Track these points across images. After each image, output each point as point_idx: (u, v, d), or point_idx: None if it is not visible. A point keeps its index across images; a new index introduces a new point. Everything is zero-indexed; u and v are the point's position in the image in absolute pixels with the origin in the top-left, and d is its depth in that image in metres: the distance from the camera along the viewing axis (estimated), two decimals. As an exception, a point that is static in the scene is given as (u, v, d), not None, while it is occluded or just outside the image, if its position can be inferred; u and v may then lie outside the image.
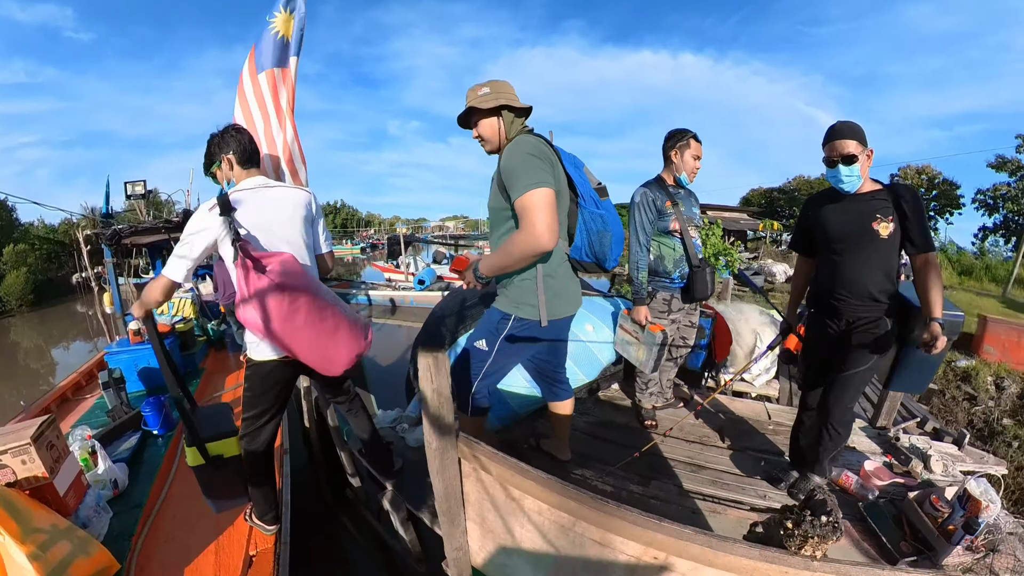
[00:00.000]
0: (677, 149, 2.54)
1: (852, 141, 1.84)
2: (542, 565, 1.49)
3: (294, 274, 1.57)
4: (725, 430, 2.87)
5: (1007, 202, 21.88)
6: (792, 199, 28.67)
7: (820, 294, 2.10)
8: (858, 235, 1.90)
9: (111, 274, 4.38)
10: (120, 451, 2.36)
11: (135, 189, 4.39)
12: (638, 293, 2.57)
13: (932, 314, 1.74)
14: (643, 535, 1.21)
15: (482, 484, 1.52)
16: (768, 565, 1.11)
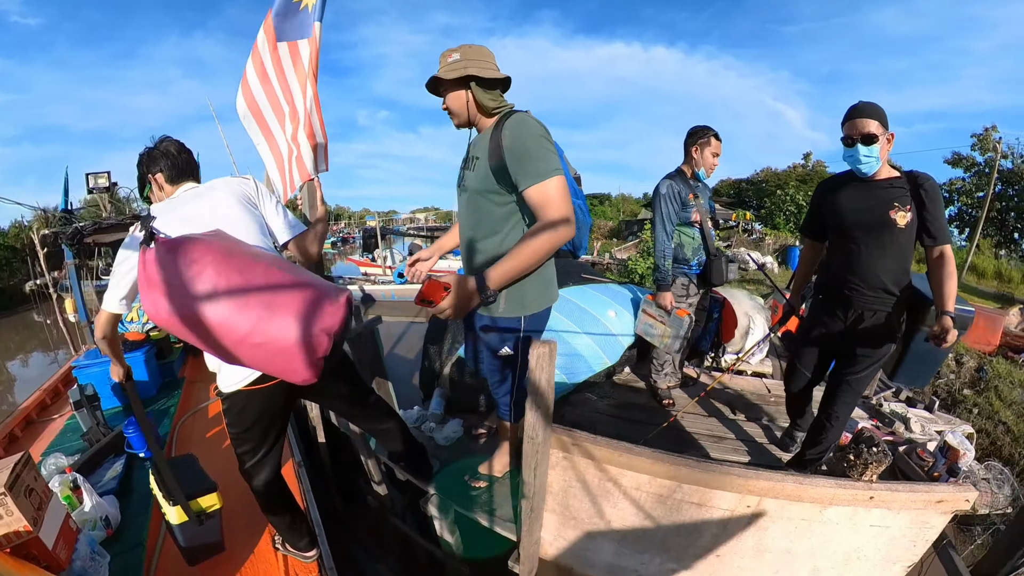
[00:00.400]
0: (698, 146, 2.65)
1: (874, 121, 1.77)
2: (629, 539, 1.61)
3: (197, 238, 1.13)
4: (733, 404, 3.18)
5: (962, 196, 23.16)
6: (760, 190, 29.35)
7: (831, 282, 2.05)
8: (875, 223, 1.84)
9: (73, 278, 3.96)
10: (105, 481, 2.08)
11: (98, 181, 3.97)
12: (664, 280, 2.72)
13: (945, 307, 1.71)
14: (743, 484, 1.40)
15: (574, 470, 1.55)
16: (842, 491, 1.39)
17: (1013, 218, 21.97)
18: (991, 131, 21.46)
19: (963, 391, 4.95)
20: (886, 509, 1.39)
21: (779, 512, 1.43)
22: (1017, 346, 6.18)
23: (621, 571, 1.72)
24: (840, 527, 1.43)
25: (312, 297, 1.16)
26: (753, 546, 1.51)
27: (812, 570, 1.54)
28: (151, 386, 3.27)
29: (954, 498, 1.40)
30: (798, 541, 1.47)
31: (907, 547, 1.46)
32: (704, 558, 1.57)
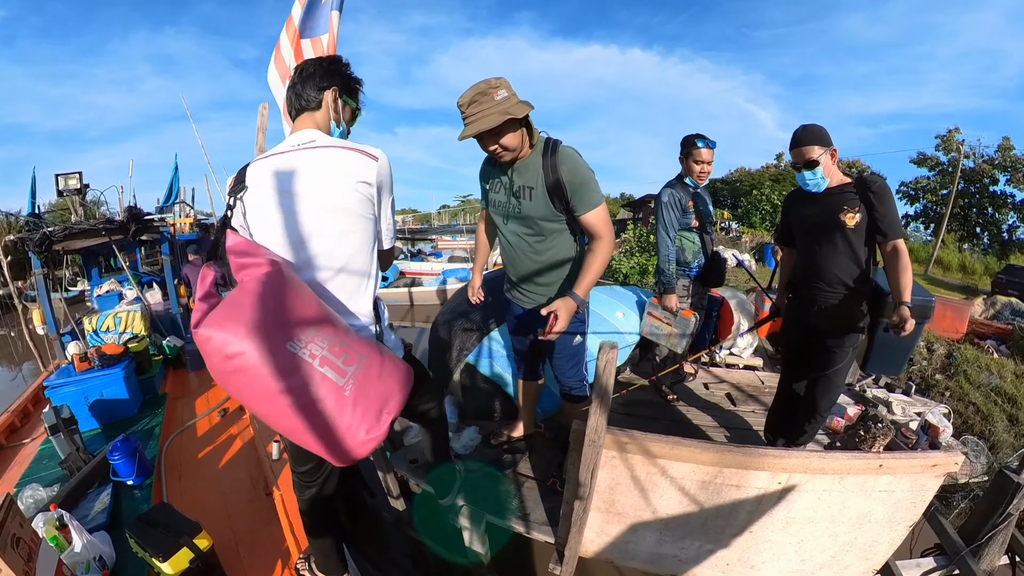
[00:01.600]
0: (683, 155, 2.81)
1: (813, 146, 2.00)
2: (672, 527, 1.77)
3: (237, 314, 1.00)
4: (732, 396, 3.41)
5: (927, 193, 24.22)
6: (735, 189, 29.95)
7: (797, 282, 2.28)
8: (827, 226, 2.05)
9: (41, 288, 3.66)
10: (93, 515, 1.87)
11: (69, 183, 3.67)
12: (669, 283, 2.82)
13: (901, 298, 1.87)
14: (777, 463, 1.58)
15: (627, 466, 1.67)
16: (857, 462, 1.60)
17: (975, 214, 23.06)
18: (954, 133, 22.47)
19: (935, 376, 5.28)
20: (891, 475, 1.61)
21: (805, 485, 1.62)
22: (983, 333, 6.63)
23: (662, 558, 1.87)
24: (854, 494, 1.64)
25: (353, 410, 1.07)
26: (782, 519, 1.69)
27: (831, 535, 1.74)
28: (131, 404, 3.02)
29: (946, 461, 1.62)
30: (820, 510, 1.67)
31: (909, 508, 1.69)
32: (739, 536, 1.75)
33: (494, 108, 1.52)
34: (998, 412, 4.45)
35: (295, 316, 1.03)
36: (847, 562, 1.82)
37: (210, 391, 3.53)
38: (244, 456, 2.51)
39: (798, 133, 2.06)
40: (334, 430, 1.04)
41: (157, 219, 4.16)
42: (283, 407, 1.01)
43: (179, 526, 1.50)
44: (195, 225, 5.41)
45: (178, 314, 4.46)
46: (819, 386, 2.23)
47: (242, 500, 2.11)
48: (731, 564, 1.83)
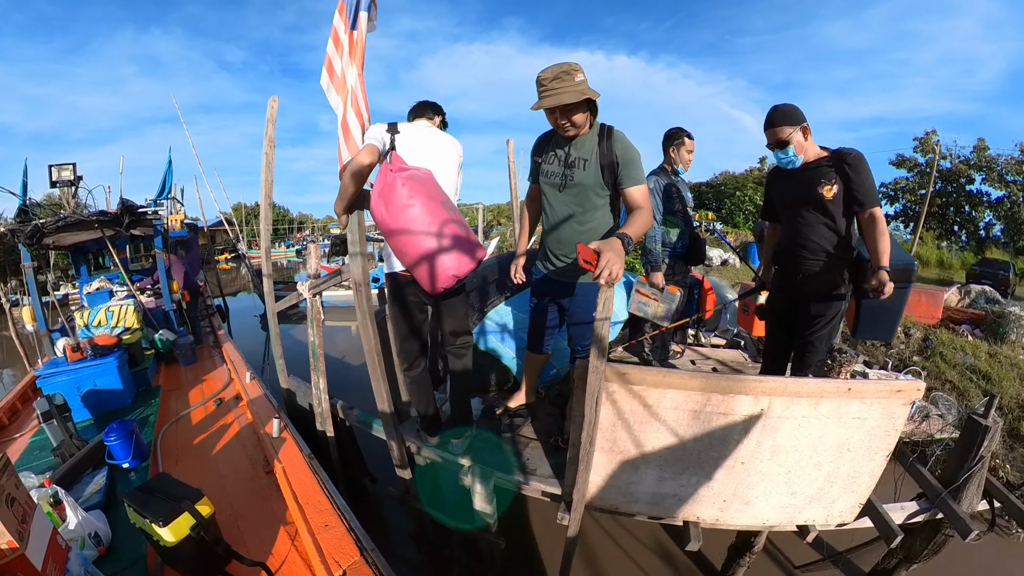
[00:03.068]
0: (674, 146, 3.07)
1: (784, 127, 2.10)
2: (670, 462, 1.88)
3: (421, 179, 1.74)
4: (718, 370, 3.57)
5: (905, 194, 24.78)
6: (719, 192, 30.31)
7: (781, 252, 2.39)
8: (806, 199, 2.16)
9: (31, 282, 3.61)
10: (88, 496, 1.87)
11: (62, 174, 3.62)
12: (656, 262, 3.02)
13: (879, 263, 1.97)
14: (756, 387, 1.71)
15: (626, 400, 1.78)
16: (828, 385, 1.73)
17: (952, 213, 23.67)
18: (931, 135, 23.09)
19: (913, 358, 5.56)
20: (860, 401, 1.73)
21: (785, 411, 1.74)
22: (957, 319, 6.99)
23: (663, 499, 1.98)
24: (831, 421, 1.76)
25: (461, 252, 1.75)
26: (769, 449, 1.81)
27: (816, 465, 1.86)
28: (125, 395, 3.01)
29: (908, 387, 1.73)
30: (802, 439, 1.80)
31: (883, 437, 1.81)
32: (733, 468, 1.86)
33: (574, 87, 1.74)
34: (973, 388, 4.71)
35: (440, 193, 1.81)
36: (834, 495, 1.95)
37: (204, 384, 3.52)
38: (242, 439, 2.52)
39: (770, 114, 2.16)
40: (457, 255, 1.74)
41: (151, 212, 4.13)
42: (440, 231, 1.71)
43: (180, 492, 1.48)
44: (183, 223, 5.34)
45: (171, 309, 4.42)
46: (806, 351, 2.31)
47: (241, 479, 2.11)
48: (727, 500, 1.95)
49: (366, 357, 2.15)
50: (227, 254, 23.88)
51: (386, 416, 2.27)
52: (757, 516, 1.99)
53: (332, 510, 1.66)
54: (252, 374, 3.29)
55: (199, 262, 9.09)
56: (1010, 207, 21.62)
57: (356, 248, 1.98)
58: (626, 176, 1.89)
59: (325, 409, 2.77)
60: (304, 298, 2.74)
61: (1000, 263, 12.99)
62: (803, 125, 2.11)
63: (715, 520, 2.02)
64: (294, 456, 2.08)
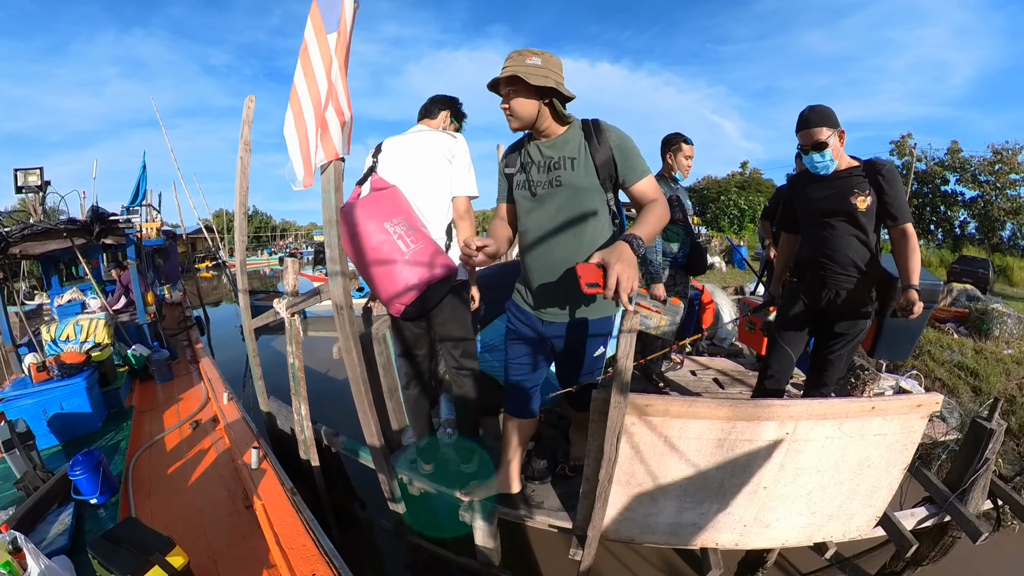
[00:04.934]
0: (671, 152, 2.96)
1: (823, 128, 1.94)
2: (691, 491, 1.81)
3: (369, 203, 1.72)
4: (719, 381, 3.52)
5: (883, 195, 25.43)
6: (703, 196, 30.75)
7: (805, 265, 2.22)
8: (839, 210, 2.02)
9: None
10: (52, 538, 1.70)
11: (28, 179, 3.40)
12: (657, 273, 2.89)
13: (909, 281, 1.89)
14: (783, 412, 1.66)
15: (645, 432, 1.71)
16: (853, 405, 1.71)
17: (929, 212, 24.42)
18: (907, 138, 23.86)
19: None
20: (882, 417, 1.71)
21: (809, 433, 1.71)
22: (942, 318, 7.13)
23: (682, 528, 1.89)
24: (853, 440, 1.73)
25: (405, 280, 1.68)
26: (792, 471, 1.77)
27: (837, 483, 1.83)
28: (95, 419, 2.81)
29: (927, 401, 1.74)
30: (825, 459, 1.76)
31: (901, 450, 1.80)
32: (755, 493, 1.80)
33: (517, 65, 1.51)
34: (963, 385, 4.79)
35: (393, 212, 1.72)
36: (852, 511, 1.91)
37: (180, 403, 3.33)
38: (219, 468, 2.35)
39: (805, 114, 2.00)
40: (392, 279, 1.67)
41: (123, 221, 3.92)
42: (371, 257, 1.67)
43: (149, 542, 1.35)
44: (160, 231, 5.12)
45: (144, 322, 4.21)
46: (826, 368, 2.20)
47: (219, 514, 1.96)
48: (748, 525, 1.88)
49: (352, 386, 2.01)
50: (207, 262, 23.41)
51: (375, 450, 2.14)
52: (776, 538, 1.93)
53: (319, 556, 1.52)
54: (230, 394, 3.11)
55: (177, 271, 8.81)
56: (983, 206, 22.33)
57: (336, 267, 1.83)
58: (629, 170, 1.57)
59: (309, 437, 2.60)
60: (281, 316, 2.57)
61: (979, 261, 13.33)
62: (840, 129, 1.97)
63: (734, 544, 1.94)
64: (275, 492, 1.93)
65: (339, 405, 4.48)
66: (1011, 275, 15.58)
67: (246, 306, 3.09)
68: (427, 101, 2.15)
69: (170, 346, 4.41)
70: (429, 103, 2.13)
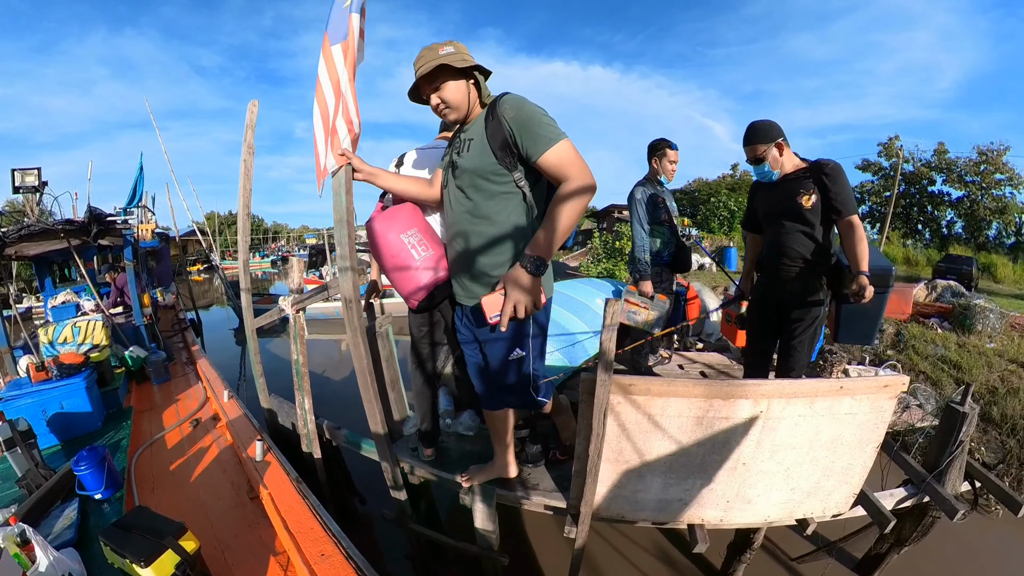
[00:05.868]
0: (656, 157, 3.09)
1: (758, 144, 2.19)
2: (675, 468, 1.91)
3: (387, 217, 1.77)
4: (706, 374, 3.63)
5: (872, 196, 25.88)
6: (693, 198, 30.90)
7: (764, 261, 2.45)
8: (787, 209, 2.23)
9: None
10: (59, 531, 1.73)
11: (26, 179, 3.36)
12: (644, 271, 3.05)
13: (858, 267, 2.03)
14: (756, 390, 1.77)
15: (631, 411, 1.80)
16: (822, 384, 1.82)
17: (916, 213, 24.80)
18: (894, 140, 24.23)
19: (887, 352, 5.80)
20: (851, 397, 1.81)
21: (782, 412, 1.80)
22: (927, 313, 7.32)
23: (668, 504, 1.99)
24: (825, 418, 1.83)
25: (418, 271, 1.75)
26: (769, 448, 1.86)
27: (812, 460, 1.92)
28: (95, 418, 2.83)
29: (895, 382, 1.82)
30: (799, 436, 1.86)
31: (872, 429, 1.89)
32: (735, 470, 1.90)
33: (437, 58, 1.48)
34: (946, 377, 4.93)
35: (408, 225, 1.77)
36: (830, 487, 2.01)
37: (178, 403, 3.35)
38: (223, 462, 2.38)
39: (746, 132, 2.24)
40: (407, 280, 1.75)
41: (120, 222, 3.92)
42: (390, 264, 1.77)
43: (161, 527, 1.38)
44: (155, 233, 5.12)
45: (141, 324, 4.21)
46: (791, 355, 2.37)
47: (224, 506, 1.99)
48: (731, 501, 1.98)
49: (357, 376, 2.06)
50: (199, 265, 23.19)
51: (379, 438, 2.19)
52: (759, 514, 2.03)
53: (327, 537, 1.57)
54: (230, 393, 3.14)
55: (170, 273, 8.76)
56: (969, 206, 22.67)
57: (346, 263, 1.89)
58: (529, 141, 1.40)
59: (312, 430, 2.65)
60: (286, 314, 2.61)
61: (963, 259, 13.56)
62: (778, 141, 2.18)
63: (719, 521, 2.03)
64: (281, 481, 1.97)
65: (336, 403, 4.52)
66: (996, 272, 15.84)
67: (248, 305, 3.14)
68: None
69: (166, 348, 4.42)
70: None
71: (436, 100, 1.56)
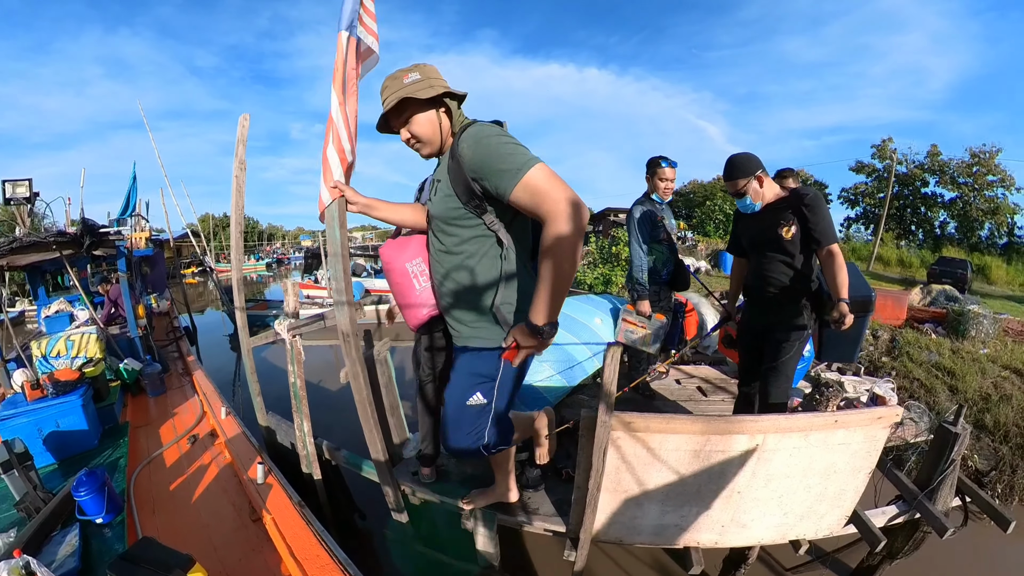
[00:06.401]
0: (649, 174, 3.09)
1: (739, 179, 2.26)
2: (672, 496, 1.94)
3: (396, 246, 1.75)
4: (702, 389, 3.69)
5: (865, 197, 26.10)
6: (689, 201, 31.02)
7: (749, 288, 2.52)
8: (768, 240, 2.30)
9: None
10: (61, 560, 1.71)
11: (17, 191, 3.33)
12: (642, 291, 3.04)
13: (838, 295, 2.10)
14: (753, 426, 1.80)
15: (630, 445, 1.84)
16: (817, 419, 1.85)
17: (909, 214, 25.03)
18: (888, 142, 24.45)
19: (882, 359, 5.78)
20: (846, 429, 1.85)
21: (778, 444, 1.84)
22: (921, 318, 7.37)
23: (665, 529, 2.03)
24: (819, 449, 1.87)
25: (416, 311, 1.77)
26: (763, 477, 1.90)
27: (806, 487, 1.96)
28: (92, 436, 2.80)
29: (888, 414, 1.88)
30: (793, 466, 1.90)
31: (865, 456, 1.94)
32: (730, 498, 1.94)
33: (400, 88, 1.35)
34: (940, 384, 4.92)
35: (414, 255, 1.72)
36: (822, 511, 2.06)
37: (175, 417, 3.32)
38: (223, 482, 2.37)
39: (726, 167, 2.31)
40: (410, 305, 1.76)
41: (113, 232, 3.87)
42: (395, 290, 1.78)
43: (168, 560, 1.37)
44: (149, 240, 5.08)
45: (136, 335, 4.17)
46: (770, 376, 2.40)
47: (227, 530, 1.98)
48: (725, 525, 2.02)
49: (357, 407, 2.06)
50: (193, 268, 22.99)
51: (380, 464, 2.19)
52: (753, 536, 2.06)
53: (334, 564, 1.57)
54: (227, 409, 3.11)
55: (164, 279, 8.69)
56: (962, 207, 22.92)
57: (342, 297, 1.86)
58: (495, 180, 1.25)
59: (311, 451, 2.63)
60: (281, 337, 2.58)
61: (958, 261, 13.66)
62: (757, 174, 2.24)
63: (714, 543, 2.07)
64: (284, 505, 1.97)
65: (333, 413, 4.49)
66: (989, 274, 16.04)
67: (244, 325, 3.06)
68: None
69: (161, 358, 4.38)
70: None
71: (405, 135, 1.45)
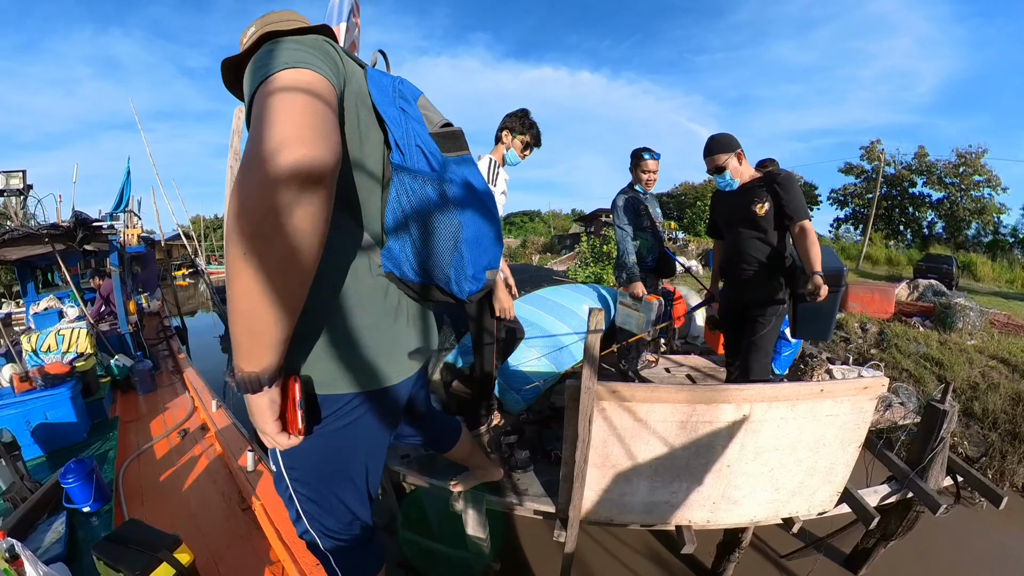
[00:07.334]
0: (633, 166, 3.17)
1: (718, 155, 2.32)
2: (661, 471, 1.93)
3: None
4: (692, 377, 3.72)
5: (854, 198, 26.50)
6: (680, 202, 31.30)
7: (725, 266, 2.59)
8: (742, 217, 2.37)
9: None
10: (47, 546, 1.69)
11: (10, 182, 3.27)
12: (632, 273, 3.08)
13: (812, 269, 2.15)
14: (738, 395, 1.79)
15: (616, 416, 1.82)
16: (803, 388, 1.89)
17: (898, 214, 25.42)
18: (876, 144, 24.82)
19: (871, 351, 5.93)
20: (832, 399, 1.85)
21: (765, 415, 1.83)
22: (909, 312, 7.52)
23: (656, 506, 2.03)
24: (807, 420, 1.87)
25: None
26: (752, 450, 1.90)
27: (796, 461, 1.96)
28: (80, 429, 2.78)
29: (874, 384, 1.87)
30: (782, 438, 1.89)
31: (853, 429, 1.95)
32: (720, 472, 1.93)
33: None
34: (928, 374, 5.07)
35: None
36: (814, 487, 2.06)
37: (165, 413, 3.30)
38: (213, 473, 2.36)
39: (707, 144, 2.37)
40: None
41: (106, 227, 3.84)
42: None
43: (155, 540, 1.37)
44: (141, 238, 5.04)
45: (126, 332, 4.14)
46: (751, 352, 2.46)
47: (216, 517, 1.97)
48: (716, 502, 2.02)
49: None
50: (184, 269, 22.87)
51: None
52: (745, 514, 2.07)
53: None
54: (218, 402, 3.10)
55: (156, 279, 8.63)
56: (949, 207, 23.29)
57: None
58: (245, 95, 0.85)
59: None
60: None
61: (943, 258, 13.88)
62: (737, 151, 2.31)
63: (706, 521, 2.07)
64: (273, 492, 1.95)
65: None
66: (976, 271, 16.26)
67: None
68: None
69: (152, 356, 4.35)
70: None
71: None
